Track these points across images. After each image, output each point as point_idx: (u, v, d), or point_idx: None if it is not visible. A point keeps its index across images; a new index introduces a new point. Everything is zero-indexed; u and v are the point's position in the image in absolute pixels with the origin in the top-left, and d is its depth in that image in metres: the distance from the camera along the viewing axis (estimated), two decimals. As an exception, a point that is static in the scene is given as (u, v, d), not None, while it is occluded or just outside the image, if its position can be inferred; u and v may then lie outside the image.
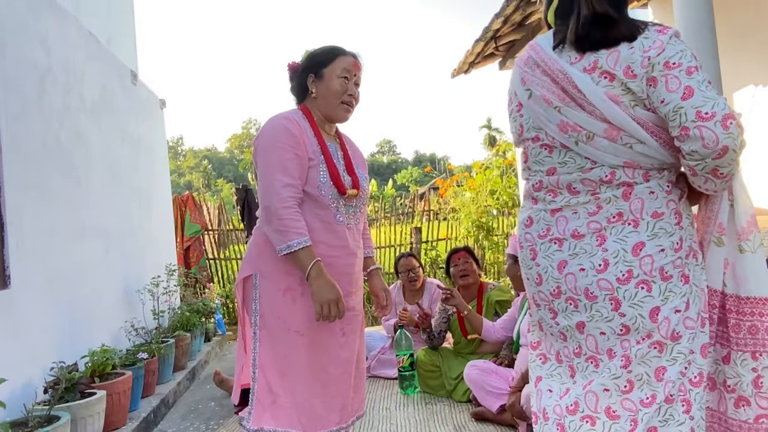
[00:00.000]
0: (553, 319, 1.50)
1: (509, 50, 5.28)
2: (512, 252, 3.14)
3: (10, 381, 2.49)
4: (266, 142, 1.88)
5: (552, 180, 1.46)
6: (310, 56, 2.04)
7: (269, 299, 1.88)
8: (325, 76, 1.99)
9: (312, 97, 2.01)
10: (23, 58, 3.23)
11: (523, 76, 1.49)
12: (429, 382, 3.68)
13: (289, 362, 1.87)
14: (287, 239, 1.77)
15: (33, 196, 3.19)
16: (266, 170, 1.84)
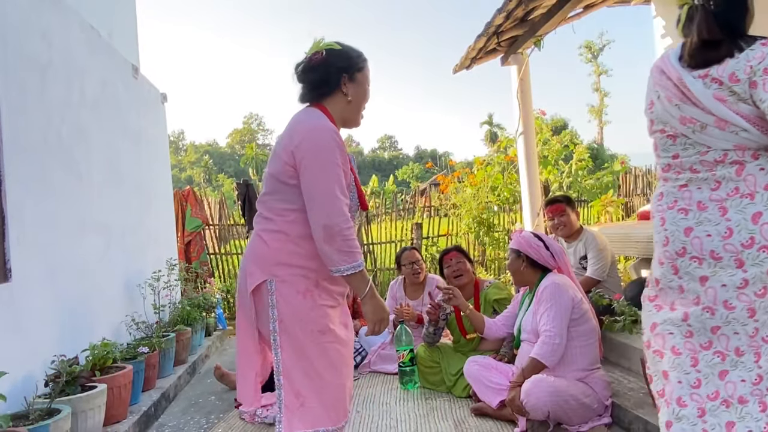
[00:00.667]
0: (674, 274, 1.81)
1: (511, 46, 5.26)
2: (515, 247, 3.14)
3: (11, 374, 2.50)
4: (324, 155, 1.80)
5: (677, 162, 1.81)
6: (345, 55, 1.95)
7: (289, 303, 1.85)
8: (358, 81, 1.96)
9: (347, 99, 1.94)
10: (24, 52, 3.22)
11: (654, 80, 1.86)
12: (429, 378, 3.69)
13: (315, 363, 1.87)
14: (353, 260, 1.78)
15: (34, 190, 3.19)
16: (326, 186, 1.78)
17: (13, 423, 2.39)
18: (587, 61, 38.40)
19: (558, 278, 3.02)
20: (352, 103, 1.96)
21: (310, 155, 1.80)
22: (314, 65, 1.93)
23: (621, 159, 9.71)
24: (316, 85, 1.94)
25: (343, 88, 1.93)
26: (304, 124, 1.87)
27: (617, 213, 7.54)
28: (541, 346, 2.82)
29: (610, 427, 2.83)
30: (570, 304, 2.89)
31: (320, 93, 1.95)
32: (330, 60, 1.93)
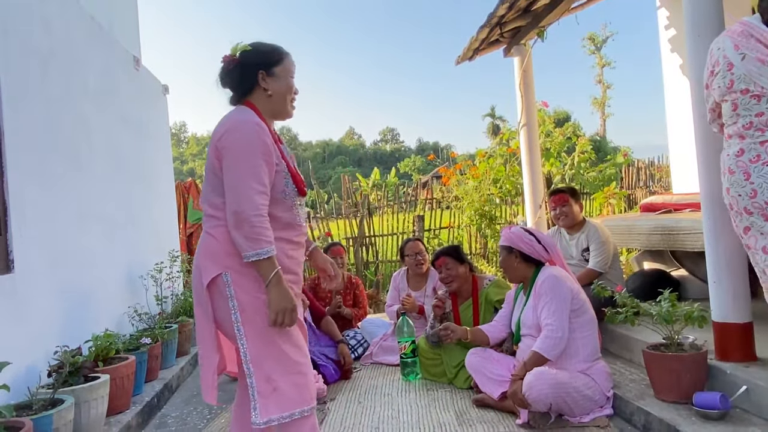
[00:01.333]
0: (765, 220, 2.06)
1: (514, 37, 5.22)
2: (506, 243, 3.14)
3: (14, 365, 2.50)
4: (240, 146, 1.88)
5: (760, 120, 2.00)
6: (259, 52, 2.04)
7: (246, 292, 1.88)
8: (277, 75, 2.04)
9: (267, 94, 2.02)
10: (25, 42, 3.21)
11: (736, 43, 2.05)
12: (430, 369, 3.70)
13: (283, 347, 1.91)
14: (258, 246, 1.82)
15: (36, 180, 3.19)
16: (238, 176, 1.86)
17: (17, 413, 2.40)
18: (590, 52, 38.19)
19: (554, 270, 3.03)
20: (274, 97, 2.04)
21: (229, 146, 1.89)
22: (230, 69, 2.04)
23: (624, 151, 9.68)
24: (235, 86, 2.04)
25: (262, 83, 2.02)
26: (228, 119, 1.95)
27: (619, 205, 7.52)
28: (544, 340, 2.83)
29: (612, 418, 2.83)
30: (569, 295, 2.90)
31: (242, 92, 2.04)
32: (244, 60, 2.02)
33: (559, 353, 2.82)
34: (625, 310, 2.87)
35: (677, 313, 2.72)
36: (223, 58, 2.05)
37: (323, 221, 8.80)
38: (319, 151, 70.44)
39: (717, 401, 2.44)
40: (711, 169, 2.74)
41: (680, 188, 5.50)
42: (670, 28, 5.52)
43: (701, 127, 2.78)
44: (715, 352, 2.76)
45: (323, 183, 23.74)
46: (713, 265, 2.75)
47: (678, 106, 5.45)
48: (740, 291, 2.69)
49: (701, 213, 2.85)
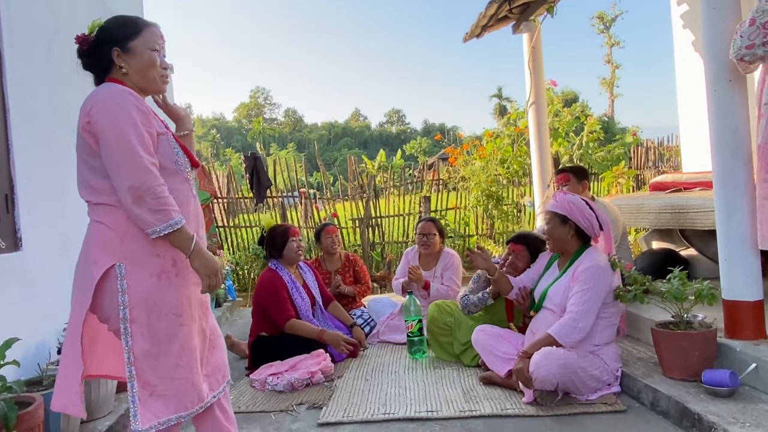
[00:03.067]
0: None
1: (523, 13, 5.14)
2: (563, 212, 2.95)
3: (24, 341, 2.52)
4: (115, 117, 1.69)
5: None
6: (109, 28, 1.86)
7: (141, 287, 1.74)
8: (135, 50, 1.85)
9: (122, 72, 1.84)
10: (30, 20, 3.18)
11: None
12: (440, 339, 3.66)
13: (167, 347, 1.77)
14: (168, 218, 1.68)
15: (42, 159, 3.18)
16: (126, 147, 1.67)
17: (27, 389, 2.42)
18: (599, 32, 37.63)
19: (601, 258, 2.89)
20: (132, 74, 1.85)
21: (101, 119, 1.70)
22: (85, 50, 1.87)
23: (633, 130, 9.57)
24: (93, 67, 1.88)
25: (117, 61, 1.84)
26: (94, 94, 1.77)
27: (628, 185, 7.46)
28: (563, 326, 2.76)
29: (619, 395, 2.83)
30: (607, 290, 2.82)
31: (100, 72, 1.87)
32: (97, 38, 1.85)
33: (574, 342, 2.75)
34: (635, 288, 2.85)
35: (687, 291, 2.70)
36: (77, 38, 1.87)
37: (329, 203, 8.79)
38: (325, 132, 70.23)
39: (726, 379, 2.43)
40: (723, 147, 2.70)
41: (690, 167, 5.44)
42: (682, 3, 5.41)
43: (714, 104, 2.73)
44: (725, 330, 2.75)
45: (329, 165, 23.70)
46: (724, 243, 2.72)
47: (689, 83, 5.37)
48: (752, 269, 2.67)
49: (712, 191, 2.81)
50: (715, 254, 2.87)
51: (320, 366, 3.39)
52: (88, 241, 1.79)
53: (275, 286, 3.78)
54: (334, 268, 4.69)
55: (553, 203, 3.03)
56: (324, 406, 2.96)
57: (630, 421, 2.57)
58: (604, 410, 2.67)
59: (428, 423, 2.68)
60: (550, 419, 2.63)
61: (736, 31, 2.55)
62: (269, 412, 2.96)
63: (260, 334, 3.75)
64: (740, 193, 2.66)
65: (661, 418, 2.57)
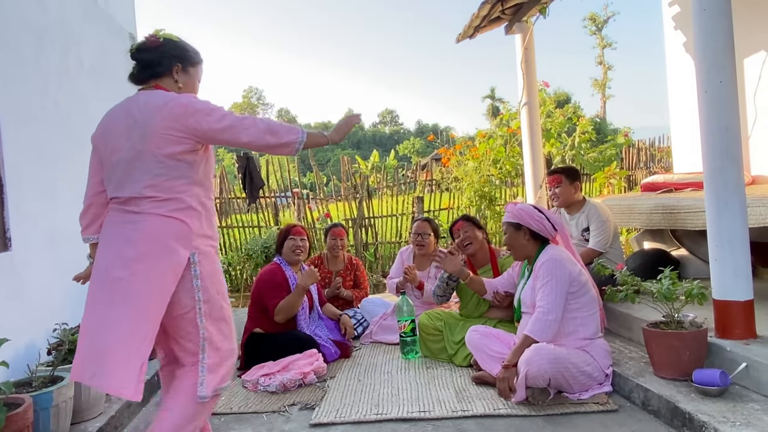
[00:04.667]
0: None
1: (516, 14, 5.15)
2: (514, 220, 3.08)
3: (13, 342, 2.50)
4: (209, 104, 2.06)
5: None
6: (181, 47, 2.17)
7: (208, 273, 2.03)
8: (190, 73, 2.20)
9: (177, 85, 2.15)
10: (19, 17, 3.15)
11: None
12: (430, 345, 3.70)
13: (221, 325, 2.07)
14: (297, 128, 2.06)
15: (32, 158, 3.15)
16: (232, 118, 2.02)
17: (16, 390, 2.40)
18: (591, 33, 37.84)
19: (556, 252, 2.98)
20: (183, 91, 2.15)
21: (197, 101, 2.03)
22: (149, 47, 2.14)
23: (624, 131, 9.61)
24: (146, 65, 2.13)
25: (175, 74, 2.15)
26: (161, 96, 2.04)
27: (620, 185, 7.49)
28: (534, 322, 2.82)
29: (611, 395, 2.84)
30: (567, 279, 2.87)
31: (151, 73, 2.13)
32: (166, 46, 2.14)
33: (550, 335, 2.80)
34: (626, 288, 2.87)
35: (678, 291, 2.71)
36: (148, 37, 2.15)
37: (322, 203, 8.77)
38: (318, 133, 70.01)
39: (716, 378, 2.45)
40: (714, 146, 2.72)
41: (682, 168, 5.47)
42: (674, 5, 5.45)
43: (705, 104, 2.75)
44: (715, 330, 2.76)
45: (322, 165, 23.68)
46: (715, 242, 2.74)
47: (681, 84, 5.40)
48: (742, 269, 2.68)
49: (703, 191, 2.83)
50: (706, 254, 2.89)
51: (312, 366, 3.38)
52: (159, 233, 1.95)
53: (274, 274, 3.83)
54: (336, 269, 4.68)
55: (505, 216, 3.18)
56: (316, 406, 2.95)
57: (621, 421, 2.58)
58: (596, 410, 2.68)
59: (421, 423, 2.68)
60: (542, 419, 2.64)
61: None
62: (261, 412, 2.95)
63: (254, 330, 3.74)
64: (731, 192, 2.68)
65: (652, 417, 2.58)
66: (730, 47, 2.70)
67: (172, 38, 2.16)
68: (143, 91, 2.12)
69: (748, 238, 2.70)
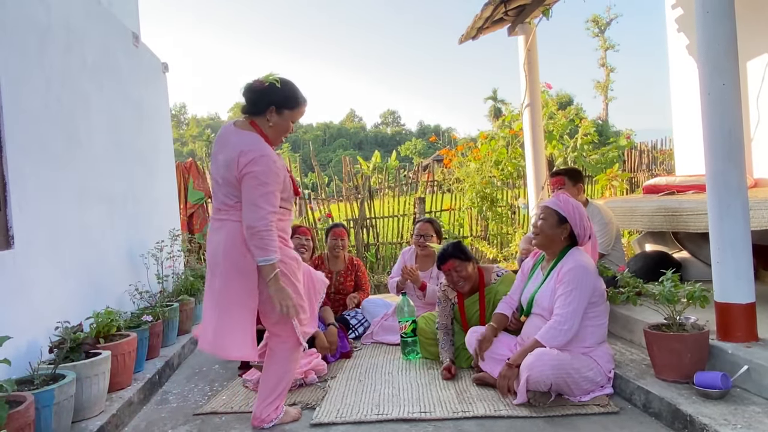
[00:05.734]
0: None
1: (518, 15, 5.15)
2: (562, 212, 2.94)
3: (15, 340, 2.50)
4: (264, 173, 2.38)
5: None
6: (280, 92, 2.49)
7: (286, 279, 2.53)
8: (284, 116, 2.53)
9: (268, 124, 2.51)
10: (23, 16, 3.16)
11: None
12: (429, 349, 3.69)
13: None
14: (264, 254, 2.37)
15: (35, 156, 3.16)
16: (258, 196, 2.37)
17: (18, 388, 2.40)
18: (594, 35, 37.79)
19: (584, 259, 2.91)
20: (273, 129, 2.53)
21: (254, 171, 2.38)
22: (253, 89, 2.51)
23: (626, 134, 9.60)
24: (249, 105, 2.53)
25: (268, 115, 2.50)
26: (251, 146, 2.42)
27: (622, 187, 7.49)
28: (548, 330, 2.78)
29: (612, 397, 2.84)
30: (591, 291, 2.82)
31: (250, 111, 2.53)
32: (267, 90, 2.48)
33: (561, 345, 2.76)
34: (628, 290, 2.86)
35: (679, 293, 2.71)
36: (255, 80, 2.50)
37: (324, 203, 8.77)
38: (320, 133, 70.12)
39: (718, 381, 2.45)
40: (717, 149, 2.71)
41: (684, 170, 5.46)
42: (677, 7, 5.44)
43: (708, 107, 2.74)
44: (717, 332, 2.76)
45: (324, 165, 23.67)
46: (717, 245, 2.74)
47: (683, 87, 5.40)
48: (744, 271, 2.68)
49: (705, 194, 2.82)
50: (708, 257, 2.89)
51: (311, 365, 3.38)
52: (237, 237, 2.45)
53: None
54: (336, 269, 4.66)
55: (555, 201, 3.03)
56: (317, 406, 2.95)
57: (622, 423, 2.57)
58: (597, 411, 2.67)
59: (421, 424, 2.68)
60: (543, 420, 2.63)
61: None
62: (262, 412, 2.95)
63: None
64: (733, 195, 2.67)
65: (653, 419, 2.57)
66: (733, 50, 2.70)
67: (275, 83, 2.47)
68: (239, 129, 2.51)
69: (750, 241, 2.69)
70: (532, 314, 3.03)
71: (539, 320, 2.95)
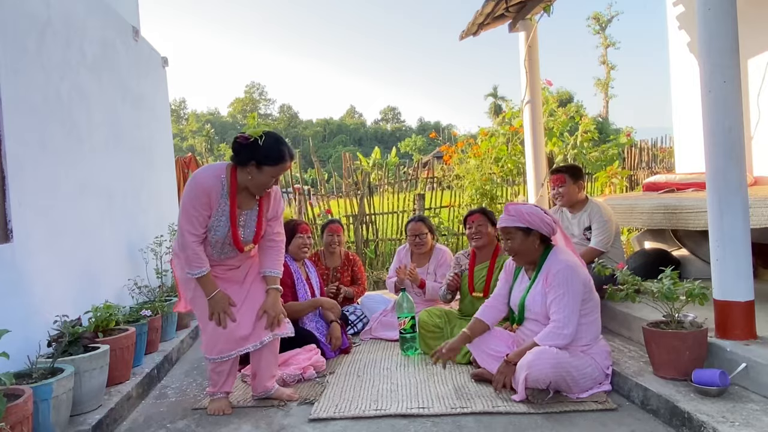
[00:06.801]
0: None
1: (520, 11, 5.14)
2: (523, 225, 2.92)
3: (13, 333, 2.49)
4: (184, 197, 2.67)
5: None
6: (261, 149, 2.60)
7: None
8: (263, 172, 2.65)
9: (248, 177, 2.66)
10: (22, 9, 3.15)
11: None
12: (430, 342, 3.70)
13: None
14: (190, 269, 2.74)
15: (34, 150, 3.15)
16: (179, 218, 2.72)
17: (17, 381, 2.40)
18: (595, 33, 37.73)
19: (567, 257, 2.91)
20: (252, 181, 2.68)
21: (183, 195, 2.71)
22: (238, 141, 2.65)
23: (627, 131, 9.59)
24: (233, 152, 2.68)
25: (248, 168, 2.65)
26: (196, 171, 2.74)
27: (621, 185, 7.48)
28: (548, 334, 2.77)
29: (610, 393, 2.84)
30: (582, 288, 2.82)
31: (233, 159, 2.69)
32: (249, 146, 2.62)
33: (563, 346, 2.76)
34: (626, 288, 2.86)
35: (678, 291, 2.71)
36: (240, 135, 2.65)
37: (324, 199, 8.77)
38: (320, 129, 70.06)
39: (716, 378, 2.45)
40: (717, 147, 2.71)
41: (684, 168, 5.46)
42: (678, 4, 5.43)
43: (708, 105, 2.74)
44: (715, 330, 2.76)
45: (324, 162, 23.66)
46: (716, 243, 2.74)
47: (684, 85, 5.39)
48: (743, 269, 2.68)
49: (705, 192, 2.82)
50: (707, 255, 2.89)
51: (311, 361, 3.38)
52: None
53: None
54: (332, 265, 4.67)
55: (508, 218, 2.95)
56: (315, 401, 2.96)
57: (620, 420, 2.58)
58: (595, 408, 2.68)
59: (420, 419, 2.68)
60: (541, 417, 2.64)
61: None
62: (261, 407, 2.95)
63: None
64: (733, 193, 2.67)
65: (651, 416, 2.58)
66: (734, 48, 2.69)
67: (258, 139, 2.60)
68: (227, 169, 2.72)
69: (750, 239, 2.69)
70: (525, 320, 3.03)
71: (534, 325, 2.95)
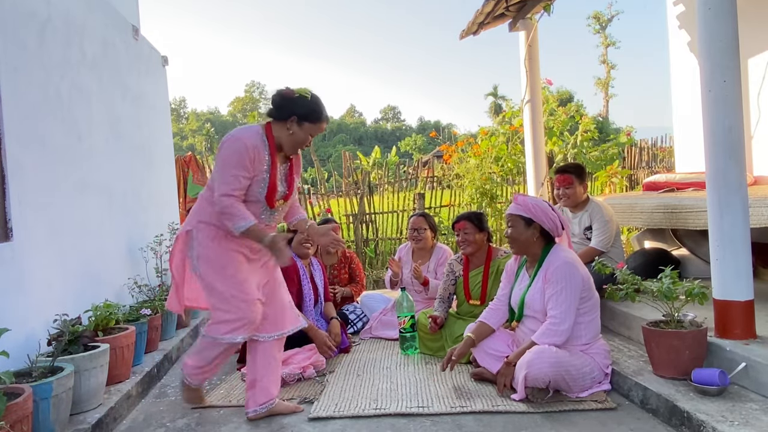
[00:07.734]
0: None
1: (520, 10, 5.14)
2: (527, 215, 2.94)
3: (13, 332, 2.50)
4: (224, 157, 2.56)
5: None
6: (305, 104, 2.58)
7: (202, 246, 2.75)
8: (304, 128, 2.60)
9: (288, 132, 2.59)
10: (22, 7, 3.15)
11: None
12: (429, 344, 3.71)
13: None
14: (233, 224, 2.55)
15: (34, 149, 3.15)
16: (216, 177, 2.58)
17: (17, 380, 2.40)
18: (595, 32, 37.71)
19: (567, 255, 2.91)
20: (291, 137, 2.61)
21: (219, 154, 2.58)
22: (282, 95, 2.61)
23: (627, 131, 9.58)
24: (273, 107, 2.63)
25: (288, 123, 2.59)
26: (230, 133, 2.61)
27: (621, 184, 7.49)
28: (545, 331, 2.78)
29: (609, 393, 2.85)
30: (581, 284, 2.82)
31: (273, 115, 2.62)
32: (294, 100, 2.58)
33: (559, 344, 2.76)
34: (626, 287, 2.86)
35: (678, 290, 2.71)
36: (286, 89, 2.60)
37: (324, 198, 8.77)
38: (320, 128, 69.86)
39: (716, 378, 2.45)
40: (717, 146, 2.71)
41: (684, 167, 5.46)
42: (678, 4, 5.43)
43: (709, 104, 2.74)
44: (715, 330, 2.76)
45: (324, 161, 23.64)
46: (716, 242, 2.74)
47: (684, 84, 5.39)
48: (743, 269, 2.68)
49: (705, 191, 2.82)
50: (707, 254, 2.89)
51: (311, 360, 3.39)
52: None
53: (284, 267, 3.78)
54: (329, 263, 4.67)
55: (515, 206, 3.00)
56: (315, 400, 2.96)
57: (620, 419, 2.58)
58: (595, 407, 2.68)
59: (419, 418, 2.68)
60: (541, 416, 2.64)
61: None
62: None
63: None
64: (733, 192, 2.67)
65: (650, 416, 2.58)
66: (734, 47, 2.69)
67: (305, 95, 2.57)
68: (262, 128, 2.63)
69: (750, 239, 2.69)
70: (524, 317, 3.03)
71: (533, 323, 2.95)
